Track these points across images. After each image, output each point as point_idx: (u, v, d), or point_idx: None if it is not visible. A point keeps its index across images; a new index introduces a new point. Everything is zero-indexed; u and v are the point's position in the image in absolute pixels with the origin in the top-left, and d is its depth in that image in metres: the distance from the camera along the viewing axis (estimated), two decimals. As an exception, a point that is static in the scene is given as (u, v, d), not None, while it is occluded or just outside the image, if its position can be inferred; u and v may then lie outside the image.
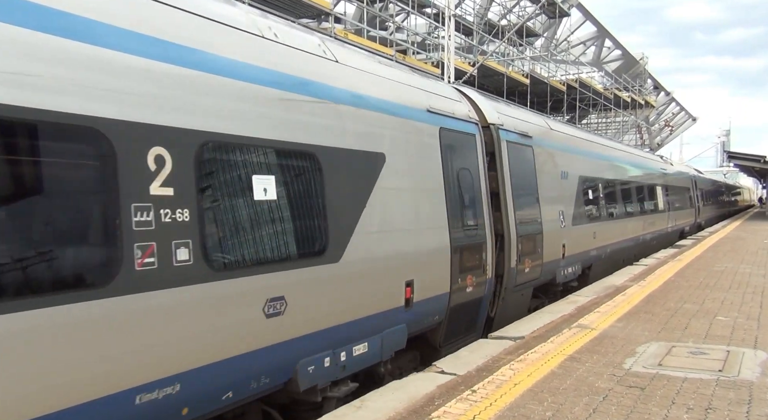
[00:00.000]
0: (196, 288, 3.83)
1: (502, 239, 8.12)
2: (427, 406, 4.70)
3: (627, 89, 43.36)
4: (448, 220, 6.67)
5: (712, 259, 14.63)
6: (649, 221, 17.71)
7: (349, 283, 5.14)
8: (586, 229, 11.87)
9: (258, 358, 4.28)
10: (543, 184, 9.71)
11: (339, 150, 5.13)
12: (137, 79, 3.60)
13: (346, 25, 23.14)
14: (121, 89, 3.50)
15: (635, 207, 16.26)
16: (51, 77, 3.16)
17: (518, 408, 4.65)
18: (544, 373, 5.53)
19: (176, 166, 3.75)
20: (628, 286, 10.63)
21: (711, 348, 6.42)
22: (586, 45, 43.11)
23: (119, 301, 3.38)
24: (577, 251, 11.19)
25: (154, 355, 3.61)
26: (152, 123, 3.64)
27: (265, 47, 4.71)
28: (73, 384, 3.20)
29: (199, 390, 3.92)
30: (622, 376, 5.47)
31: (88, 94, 3.32)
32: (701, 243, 19.43)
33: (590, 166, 12.73)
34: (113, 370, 3.39)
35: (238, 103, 4.26)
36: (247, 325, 4.21)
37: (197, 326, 3.85)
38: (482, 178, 7.71)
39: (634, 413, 4.55)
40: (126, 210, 3.44)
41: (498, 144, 8.27)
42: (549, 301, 9.93)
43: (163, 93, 3.74)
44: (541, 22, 34.47)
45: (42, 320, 3.06)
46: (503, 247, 8.11)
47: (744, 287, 10.40)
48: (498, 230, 8.07)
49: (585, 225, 11.76)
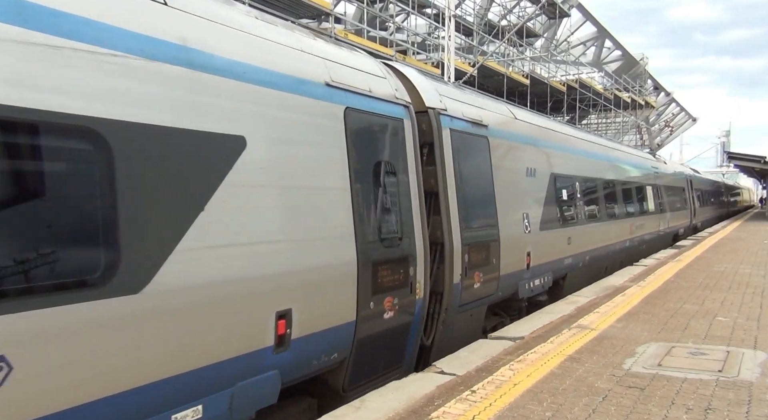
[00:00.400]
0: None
1: (442, 249, 6.65)
2: (427, 406, 4.70)
3: (627, 90, 43.39)
4: (355, 227, 5.10)
5: (712, 260, 14.63)
6: (637, 224, 16.21)
7: (161, 324, 3.53)
8: (559, 234, 10.33)
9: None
10: (501, 182, 8.19)
11: (144, 127, 3.52)
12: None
13: (346, 25, 23.15)
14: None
15: (620, 208, 14.75)
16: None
17: (518, 408, 4.65)
18: (544, 374, 5.52)
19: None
20: (628, 286, 10.63)
21: (711, 348, 6.42)
22: (586, 45, 43.15)
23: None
24: (547, 260, 9.70)
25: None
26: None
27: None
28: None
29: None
30: (622, 376, 5.47)
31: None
32: (701, 243, 19.43)
33: (566, 162, 11.21)
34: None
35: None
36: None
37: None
38: (413, 175, 6.14)
39: (634, 413, 4.55)
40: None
41: (438, 132, 6.73)
42: (512, 320, 8.63)
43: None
44: (541, 23, 34.49)
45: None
46: (444, 259, 6.67)
47: (744, 288, 10.40)
48: (437, 238, 6.65)
49: (557, 230, 10.23)
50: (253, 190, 4.25)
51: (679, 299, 9.29)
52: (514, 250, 8.42)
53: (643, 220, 16.95)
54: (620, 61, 46.40)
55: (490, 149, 7.99)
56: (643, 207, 17.28)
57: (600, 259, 12.95)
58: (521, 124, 9.56)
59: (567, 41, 38.57)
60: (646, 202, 17.71)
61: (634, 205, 16.16)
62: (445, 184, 6.76)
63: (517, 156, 9.00)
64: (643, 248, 17.20)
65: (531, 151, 9.57)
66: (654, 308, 8.59)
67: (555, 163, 10.55)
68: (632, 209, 15.86)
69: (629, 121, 47.20)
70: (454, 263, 6.75)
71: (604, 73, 43.71)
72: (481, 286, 7.41)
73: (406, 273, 5.90)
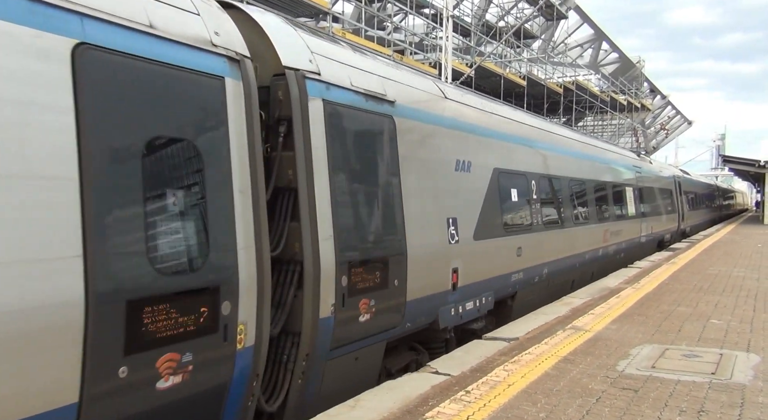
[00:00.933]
0: None
1: (302, 270, 4.81)
2: (421, 406, 4.71)
3: (623, 92, 43.55)
4: (86, 241, 3.18)
5: (706, 263, 14.69)
6: (613, 230, 14.31)
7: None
8: (504, 243, 8.32)
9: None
10: (413, 177, 6.28)
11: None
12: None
13: (344, 24, 23.14)
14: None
15: (591, 212, 12.75)
16: None
17: (512, 409, 4.66)
18: (538, 375, 5.54)
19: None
20: (623, 288, 10.67)
21: (704, 351, 6.45)
22: (584, 47, 43.23)
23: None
24: (485, 277, 7.79)
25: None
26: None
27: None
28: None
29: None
30: (616, 378, 5.49)
31: None
32: (695, 246, 19.51)
33: (518, 155, 9.19)
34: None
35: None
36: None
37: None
38: (236, 162, 4.18)
39: (627, 415, 4.57)
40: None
41: (300, 104, 4.82)
42: (432, 355, 6.82)
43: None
44: (539, 24, 34.54)
45: None
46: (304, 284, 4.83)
47: (737, 291, 10.45)
48: (292, 255, 4.83)
49: (502, 238, 8.26)
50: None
51: (673, 301, 9.33)
52: (431, 266, 6.55)
53: (620, 226, 15.14)
54: (617, 63, 46.54)
55: (397, 133, 6.07)
56: (620, 210, 15.45)
57: (563, 273, 11.02)
58: (452, 104, 7.52)
59: (564, 43, 38.65)
60: (624, 204, 15.92)
61: (609, 208, 14.29)
62: (309, 177, 4.87)
63: (442, 144, 7.01)
64: (622, 257, 15.44)
65: (464, 139, 7.56)
66: (648, 310, 8.63)
67: (501, 156, 8.56)
68: (606, 213, 14.01)
69: (625, 123, 47.37)
70: (321, 289, 4.86)
71: (600, 76, 43.86)
72: (373, 317, 5.54)
73: (212, 311, 3.92)
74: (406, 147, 6.22)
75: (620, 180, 16.00)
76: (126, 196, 3.46)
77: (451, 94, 7.70)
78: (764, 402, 4.87)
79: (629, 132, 51.62)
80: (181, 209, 3.84)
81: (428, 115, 6.82)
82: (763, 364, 5.94)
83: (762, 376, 5.55)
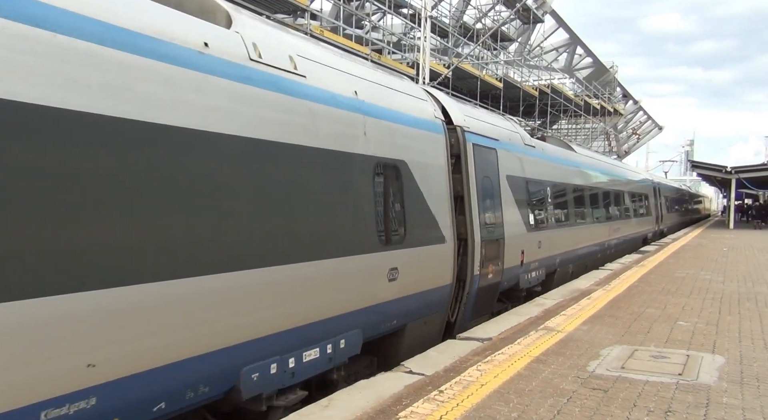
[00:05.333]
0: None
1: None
2: (395, 405, 4.71)
3: (597, 96, 44.18)
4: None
5: (674, 266, 14.99)
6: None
7: None
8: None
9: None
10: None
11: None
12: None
13: (322, 22, 23.04)
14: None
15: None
16: None
17: (484, 409, 4.70)
18: (511, 375, 5.59)
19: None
20: (594, 290, 10.82)
21: (672, 352, 6.58)
22: (559, 51, 43.80)
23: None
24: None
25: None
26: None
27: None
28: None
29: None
30: (586, 378, 5.57)
31: None
32: (664, 250, 19.89)
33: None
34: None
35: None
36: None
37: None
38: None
39: (597, 415, 4.64)
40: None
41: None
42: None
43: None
44: (516, 27, 34.89)
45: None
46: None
47: (704, 293, 10.68)
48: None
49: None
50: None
51: (642, 303, 9.50)
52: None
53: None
54: (591, 68, 47.25)
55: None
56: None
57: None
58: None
59: (540, 46, 39.08)
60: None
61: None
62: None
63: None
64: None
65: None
66: (618, 312, 8.77)
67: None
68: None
69: (598, 127, 48.06)
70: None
71: (575, 80, 44.43)
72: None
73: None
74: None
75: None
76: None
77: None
78: (728, 402, 5.00)
79: (602, 136, 52.40)
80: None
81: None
82: (727, 366, 6.08)
83: (726, 377, 5.68)
